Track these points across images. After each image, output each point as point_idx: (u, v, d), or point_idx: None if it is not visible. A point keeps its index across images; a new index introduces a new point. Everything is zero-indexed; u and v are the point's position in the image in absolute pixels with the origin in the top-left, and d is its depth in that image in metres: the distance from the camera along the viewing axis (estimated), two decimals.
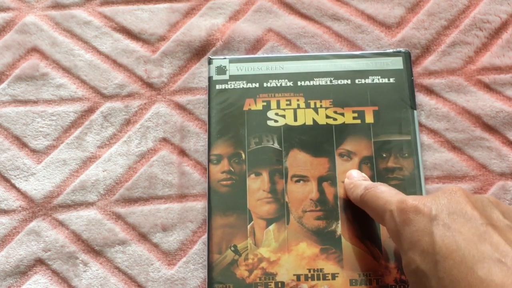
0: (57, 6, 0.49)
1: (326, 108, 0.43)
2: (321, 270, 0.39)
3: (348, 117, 0.43)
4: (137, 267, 0.41)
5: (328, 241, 0.39)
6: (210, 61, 0.45)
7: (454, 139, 0.43)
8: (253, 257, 0.39)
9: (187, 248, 0.41)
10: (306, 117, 0.43)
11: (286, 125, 0.43)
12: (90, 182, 0.43)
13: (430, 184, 0.42)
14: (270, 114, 0.43)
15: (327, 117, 0.43)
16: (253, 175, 0.41)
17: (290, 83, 0.44)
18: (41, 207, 0.43)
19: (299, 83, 0.44)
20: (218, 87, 0.44)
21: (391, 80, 0.43)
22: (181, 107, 0.45)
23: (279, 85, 0.44)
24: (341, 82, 0.44)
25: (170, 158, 0.44)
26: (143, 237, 0.42)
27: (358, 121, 0.42)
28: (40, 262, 0.41)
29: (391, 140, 0.42)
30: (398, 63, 0.44)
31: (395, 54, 0.44)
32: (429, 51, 0.46)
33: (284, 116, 0.43)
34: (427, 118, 0.44)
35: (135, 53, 0.47)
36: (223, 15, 0.48)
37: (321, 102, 0.43)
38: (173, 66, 0.46)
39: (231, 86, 0.44)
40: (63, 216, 0.42)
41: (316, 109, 0.43)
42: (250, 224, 0.40)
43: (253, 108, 0.43)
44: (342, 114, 0.43)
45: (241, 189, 0.41)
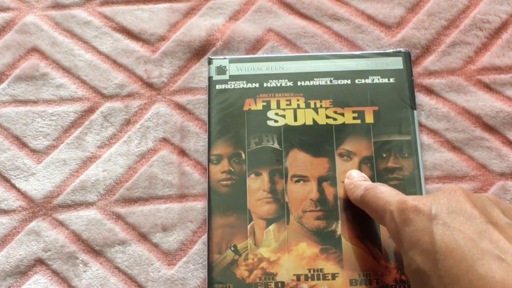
0: (57, 6, 0.49)
1: (326, 108, 0.43)
2: (321, 270, 0.39)
3: (348, 117, 0.43)
4: (137, 267, 0.41)
5: (328, 241, 0.39)
6: (210, 61, 0.45)
7: (454, 139, 0.43)
8: (253, 257, 0.39)
9: (187, 248, 0.41)
10: (306, 117, 0.43)
11: (286, 125, 0.43)
12: (90, 182, 0.43)
13: (430, 184, 0.42)
14: (270, 114, 0.43)
15: (327, 117, 0.43)
16: (253, 175, 0.41)
17: (290, 83, 0.44)
18: (41, 207, 0.43)
19: (299, 83, 0.44)
20: (218, 87, 0.44)
21: (391, 80, 0.43)
22: (181, 107, 0.45)
23: (279, 85, 0.44)
24: (341, 82, 0.44)
25: (170, 158, 0.44)
26: (143, 237, 0.42)
27: (358, 121, 0.42)
28: (40, 262, 0.41)
29: (391, 140, 0.42)
30: (398, 63, 0.44)
31: (395, 54, 0.44)
32: (429, 51, 0.46)
33: (284, 116, 0.43)
34: (427, 118, 0.44)
35: (135, 53, 0.47)
36: (223, 15, 0.48)
37: (321, 102, 0.43)
38: (173, 66, 0.46)
39: (231, 86, 0.44)
40: (63, 216, 0.42)
41: (316, 109, 0.43)
42: (250, 224, 0.40)
43: (253, 108, 0.43)
44: (342, 114, 0.43)
45: (241, 189, 0.41)
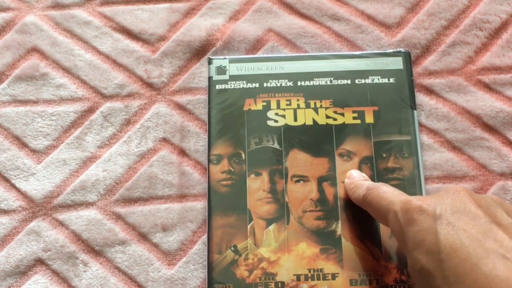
0: (57, 6, 0.49)
1: (326, 108, 0.43)
2: (321, 270, 0.39)
3: (348, 117, 0.43)
4: (137, 267, 0.41)
5: (328, 241, 0.39)
6: (210, 61, 0.45)
7: (454, 139, 0.43)
8: (253, 257, 0.39)
9: (187, 248, 0.41)
10: (306, 117, 0.43)
11: (286, 125, 0.43)
12: (90, 182, 0.43)
13: (430, 184, 0.42)
14: (270, 114, 0.43)
15: (327, 117, 0.43)
16: (253, 175, 0.41)
17: (290, 83, 0.44)
18: (41, 207, 0.43)
19: (299, 83, 0.44)
20: (218, 87, 0.44)
21: (391, 80, 0.43)
22: (181, 107, 0.45)
23: (279, 85, 0.44)
24: (341, 82, 0.44)
25: (170, 158, 0.44)
26: (143, 237, 0.42)
27: (358, 121, 0.42)
28: (40, 262, 0.41)
29: (391, 140, 0.42)
30: (398, 63, 0.44)
31: (395, 54, 0.44)
32: (429, 51, 0.46)
33: (284, 116, 0.43)
34: (427, 118, 0.44)
35: (135, 53, 0.47)
36: (223, 15, 0.48)
37: (321, 102, 0.43)
38: (173, 66, 0.46)
39: (231, 86, 0.44)
40: (63, 216, 0.42)
41: (316, 109, 0.43)
42: (250, 224, 0.40)
43: (253, 108, 0.43)
44: (342, 114, 0.43)
45: (241, 189, 0.41)
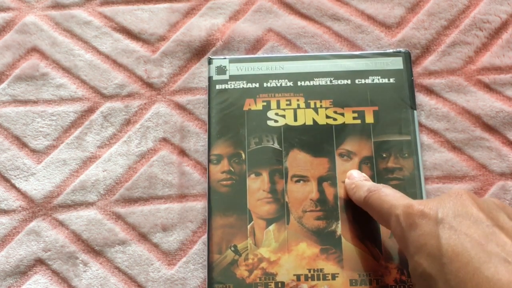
0: (57, 6, 0.49)
1: (326, 108, 0.43)
2: (321, 270, 0.39)
3: (348, 117, 0.43)
4: (137, 267, 0.41)
5: (328, 241, 0.39)
6: (210, 61, 0.45)
7: (454, 139, 0.43)
8: (253, 257, 0.39)
9: (187, 248, 0.41)
10: (306, 117, 0.43)
11: (286, 125, 0.43)
12: (90, 182, 0.43)
13: (430, 184, 0.42)
14: (270, 114, 0.43)
15: (327, 117, 0.43)
16: (253, 175, 0.41)
17: (290, 83, 0.44)
18: (41, 207, 0.43)
19: (299, 83, 0.44)
20: (218, 87, 0.44)
21: (391, 80, 0.43)
22: (181, 107, 0.45)
23: (279, 85, 0.44)
24: (341, 82, 0.44)
25: (170, 158, 0.44)
26: (143, 237, 0.42)
27: (358, 121, 0.42)
28: (40, 262, 0.41)
29: (391, 140, 0.42)
30: (398, 63, 0.44)
31: (395, 54, 0.44)
32: (429, 51, 0.46)
33: (284, 116, 0.43)
34: (427, 118, 0.44)
35: (135, 53, 0.47)
36: (223, 15, 0.48)
37: (321, 102, 0.43)
38: (173, 66, 0.46)
39: (231, 86, 0.44)
40: (63, 216, 0.42)
41: (316, 109, 0.43)
42: (250, 224, 0.40)
43: (253, 108, 0.43)
44: (342, 114, 0.43)
45: (241, 189, 0.41)
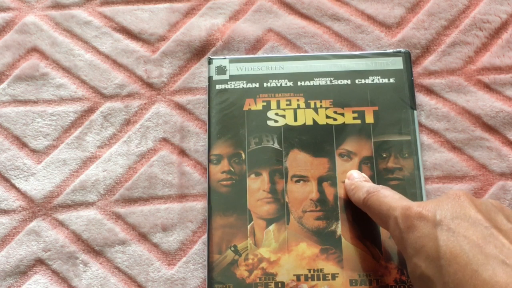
0: (57, 6, 0.49)
1: (326, 108, 0.43)
2: (321, 270, 0.39)
3: (348, 117, 0.43)
4: (137, 267, 0.41)
5: (328, 241, 0.39)
6: (210, 61, 0.45)
7: (454, 139, 0.43)
8: (253, 257, 0.39)
9: (187, 248, 0.41)
10: (306, 117, 0.43)
11: (286, 125, 0.43)
12: (90, 182, 0.43)
13: (430, 184, 0.42)
14: (270, 114, 0.43)
15: (327, 117, 0.43)
16: (253, 175, 0.41)
17: (290, 83, 0.44)
18: (41, 207, 0.43)
19: (299, 83, 0.44)
20: (218, 87, 0.44)
21: (391, 80, 0.43)
22: (181, 107, 0.45)
23: (279, 85, 0.44)
24: (341, 82, 0.44)
25: (170, 158, 0.44)
26: (143, 237, 0.42)
27: (358, 121, 0.42)
28: (40, 262, 0.41)
29: (391, 140, 0.42)
30: (398, 63, 0.44)
31: (395, 54, 0.44)
32: (429, 51, 0.46)
33: (284, 116, 0.43)
34: (427, 118, 0.44)
35: (135, 53, 0.47)
36: (223, 15, 0.48)
37: (321, 102, 0.43)
38: (173, 66, 0.46)
39: (231, 86, 0.44)
40: (63, 216, 0.42)
41: (316, 109, 0.43)
42: (250, 224, 0.40)
43: (253, 108, 0.43)
44: (342, 114, 0.43)
45: (241, 189, 0.41)
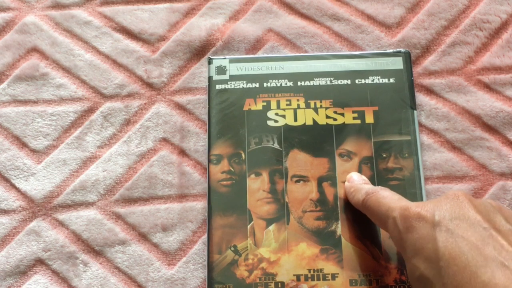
0: (57, 6, 0.49)
1: (326, 108, 0.43)
2: (321, 270, 0.39)
3: (348, 117, 0.43)
4: (137, 267, 0.41)
5: (328, 241, 0.39)
6: (210, 61, 0.45)
7: (454, 139, 0.43)
8: (253, 257, 0.39)
9: (187, 248, 0.41)
10: (306, 117, 0.43)
11: (286, 125, 0.43)
12: (90, 182, 0.43)
13: (430, 184, 0.42)
14: (270, 114, 0.43)
15: (327, 117, 0.43)
16: (253, 175, 0.41)
17: (290, 83, 0.44)
18: (41, 207, 0.43)
19: (299, 83, 0.44)
20: (218, 87, 0.44)
21: (391, 80, 0.43)
22: (181, 107, 0.45)
23: (279, 85, 0.44)
24: (341, 82, 0.44)
25: (170, 158, 0.44)
26: (143, 237, 0.42)
27: (358, 121, 0.42)
28: (40, 262, 0.41)
29: (391, 140, 0.42)
30: (398, 63, 0.44)
31: (395, 54, 0.44)
32: (429, 51, 0.46)
33: (284, 116, 0.43)
34: (427, 118, 0.44)
35: (135, 53, 0.47)
36: (223, 15, 0.48)
37: (321, 102, 0.43)
38: (173, 66, 0.46)
39: (231, 86, 0.44)
40: (63, 216, 0.42)
41: (316, 109, 0.43)
42: (250, 224, 0.40)
43: (253, 108, 0.43)
44: (342, 114, 0.43)
45: (241, 189, 0.41)
